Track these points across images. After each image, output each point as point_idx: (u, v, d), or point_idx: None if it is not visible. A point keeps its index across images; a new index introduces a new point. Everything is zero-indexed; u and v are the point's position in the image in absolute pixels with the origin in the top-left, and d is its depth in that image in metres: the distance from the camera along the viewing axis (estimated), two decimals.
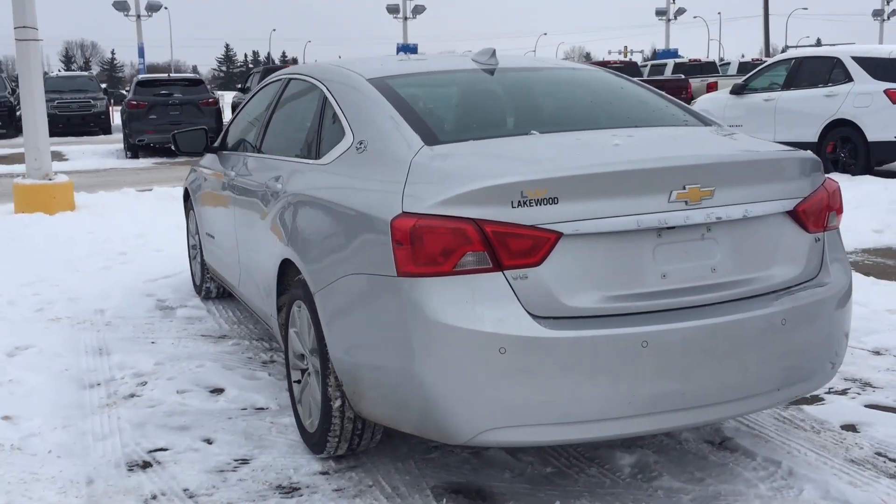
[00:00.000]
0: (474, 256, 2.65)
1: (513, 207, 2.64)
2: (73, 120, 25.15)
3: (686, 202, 2.76)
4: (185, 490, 3.28)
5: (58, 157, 18.56)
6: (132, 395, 4.29)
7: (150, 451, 3.63)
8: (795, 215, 3.01)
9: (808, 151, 3.18)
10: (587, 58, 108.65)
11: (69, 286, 6.52)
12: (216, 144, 5.34)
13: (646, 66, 28.56)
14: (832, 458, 3.40)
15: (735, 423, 3.75)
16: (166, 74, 22.69)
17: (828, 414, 3.85)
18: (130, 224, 9.18)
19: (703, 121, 3.63)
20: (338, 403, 3.20)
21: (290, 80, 4.39)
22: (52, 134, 24.49)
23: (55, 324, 5.62)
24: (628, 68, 23.64)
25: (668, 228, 2.78)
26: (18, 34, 9.88)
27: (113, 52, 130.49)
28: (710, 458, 3.45)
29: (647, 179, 2.74)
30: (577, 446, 3.53)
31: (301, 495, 3.22)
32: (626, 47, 79.28)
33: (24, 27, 9.82)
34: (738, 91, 13.54)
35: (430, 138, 3.10)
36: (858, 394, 4.10)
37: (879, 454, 3.45)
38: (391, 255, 2.73)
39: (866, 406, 3.94)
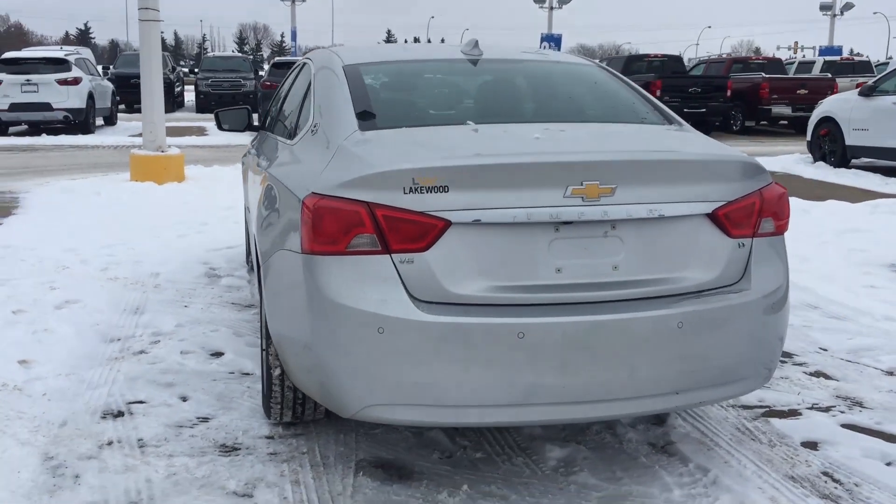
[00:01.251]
0: (365, 238, 2.75)
1: (404, 193, 2.72)
2: (224, 98, 26.53)
3: (583, 198, 2.76)
4: (139, 440, 3.55)
5: (199, 131, 19.75)
6: (141, 352, 4.63)
7: (129, 403, 3.94)
8: (716, 219, 2.94)
9: (743, 155, 3.08)
10: (756, 52, 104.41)
11: (141, 250, 7.03)
12: (258, 123, 5.64)
13: (792, 63, 27.20)
14: (770, 473, 3.29)
15: (688, 428, 3.68)
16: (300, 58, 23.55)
17: (794, 429, 3.71)
18: (225, 197, 9.71)
19: (668, 119, 3.58)
20: (277, 372, 3.38)
21: (303, 63, 4.60)
22: (204, 110, 26.26)
23: (111, 283, 6.09)
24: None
25: (566, 223, 2.79)
26: (141, 14, 10.61)
27: (282, 35, 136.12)
28: (641, 459, 3.41)
29: (541, 174, 2.76)
30: (515, 435, 3.57)
31: (237, 455, 3.43)
32: (796, 43, 75.79)
33: (146, 8, 10.53)
34: (866, 93, 12.78)
35: (368, 124, 3.23)
36: (842, 412, 3.92)
37: (825, 474, 3.31)
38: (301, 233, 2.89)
39: (842, 425, 3.77)
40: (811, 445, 3.57)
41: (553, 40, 33.46)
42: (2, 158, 14.51)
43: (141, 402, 3.96)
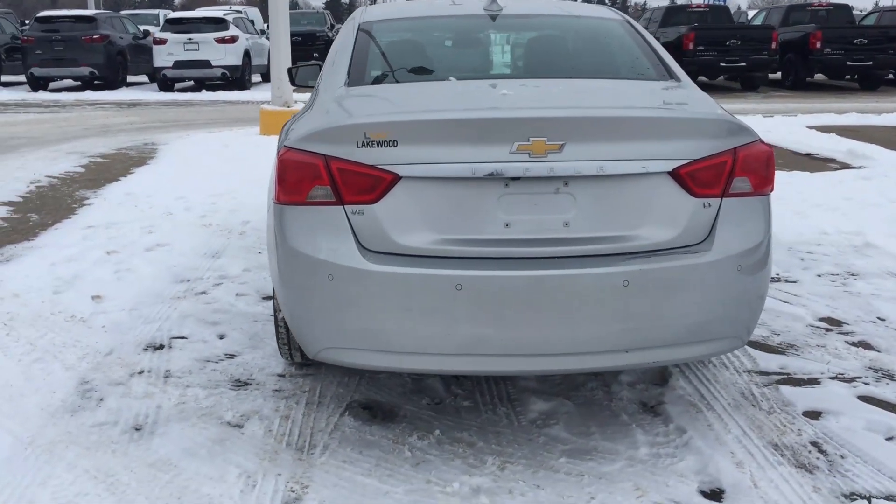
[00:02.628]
0: (322, 190, 2.90)
1: (357, 147, 2.85)
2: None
3: (529, 154, 2.79)
4: (166, 371, 3.90)
5: None
6: (202, 293, 5.01)
7: (172, 338, 4.30)
8: (678, 178, 2.89)
9: (716, 114, 2.99)
10: None
11: (242, 200, 7.48)
12: None
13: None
14: (752, 440, 3.22)
15: (688, 390, 3.64)
16: None
17: (802, 397, 3.58)
18: None
19: (670, 76, 3.51)
20: (280, 315, 3.62)
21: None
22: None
23: (203, 229, 6.55)
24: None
25: (515, 179, 2.82)
26: None
27: None
28: (623, 417, 3.41)
29: (486, 129, 2.81)
30: (508, 387, 3.66)
31: (245, 390, 3.71)
32: None
33: None
34: None
35: (357, 80, 3.38)
36: (866, 384, 3.73)
37: (813, 444, 3.21)
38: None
39: (859, 397, 3.60)
40: (813, 415, 3.44)
41: None
42: (159, 112, 15.63)
43: (183, 337, 4.31)
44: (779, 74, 19.90)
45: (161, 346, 4.19)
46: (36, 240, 6.26)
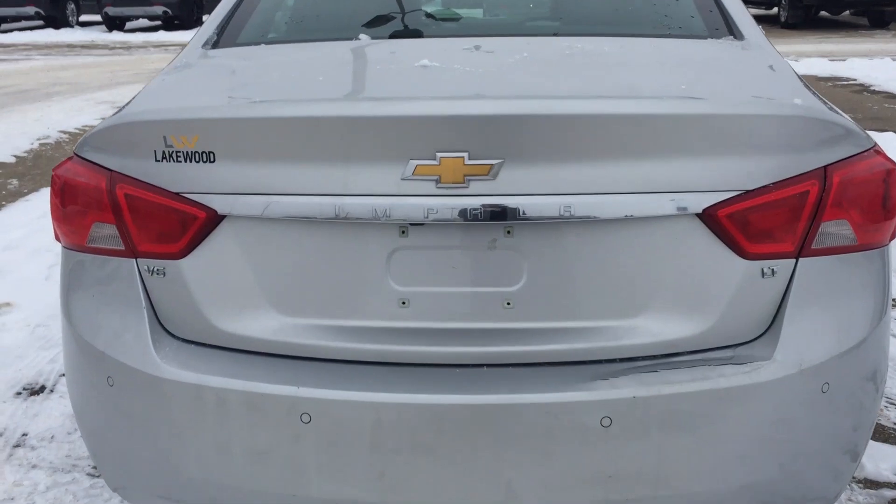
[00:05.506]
0: (104, 230, 1.75)
1: (156, 161, 1.67)
2: None
3: (436, 182, 1.54)
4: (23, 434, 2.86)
5: None
6: None
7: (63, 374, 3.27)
8: (715, 223, 1.59)
9: (795, 102, 1.64)
10: None
11: None
12: None
13: None
14: None
15: None
16: None
17: None
18: None
19: (731, 29, 2.17)
20: None
21: None
22: None
23: None
24: None
25: (418, 225, 1.59)
26: None
27: None
28: None
29: (364, 138, 1.56)
30: None
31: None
32: None
33: None
34: None
35: (231, 36, 2.21)
36: None
37: None
38: None
39: None
40: None
41: None
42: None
43: None
44: None
45: (41, 390, 3.16)
46: None
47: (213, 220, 1.64)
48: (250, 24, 2.30)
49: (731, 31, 2.18)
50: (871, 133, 4.65)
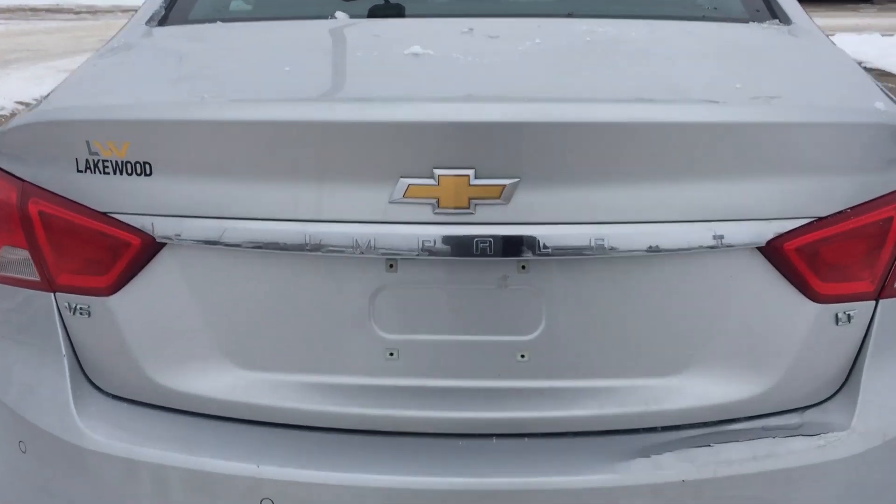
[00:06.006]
0: (16, 255, 1.40)
1: (79, 172, 1.32)
2: None
3: (433, 207, 1.21)
4: None
5: None
6: None
7: None
8: (780, 258, 1.27)
9: (874, 105, 1.32)
10: None
11: None
12: None
13: None
14: None
15: None
16: None
17: None
18: None
19: (773, 11, 1.84)
20: None
21: None
22: None
23: None
24: None
25: (408, 259, 1.26)
26: None
27: None
28: None
29: (347, 148, 1.23)
30: None
31: None
32: None
33: None
34: None
35: (178, 14, 1.86)
36: None
37: None
38: None
39: None
40: None
41: None
42: None
43: None
44: None
45: None
46: None
47: (151, 247, 1.30)
48: (204, 2, 1.94)
49: (775, 13, 1.85)
50: None
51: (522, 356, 1.30)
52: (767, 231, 1.25)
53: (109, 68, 1.60)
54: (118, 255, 1.32)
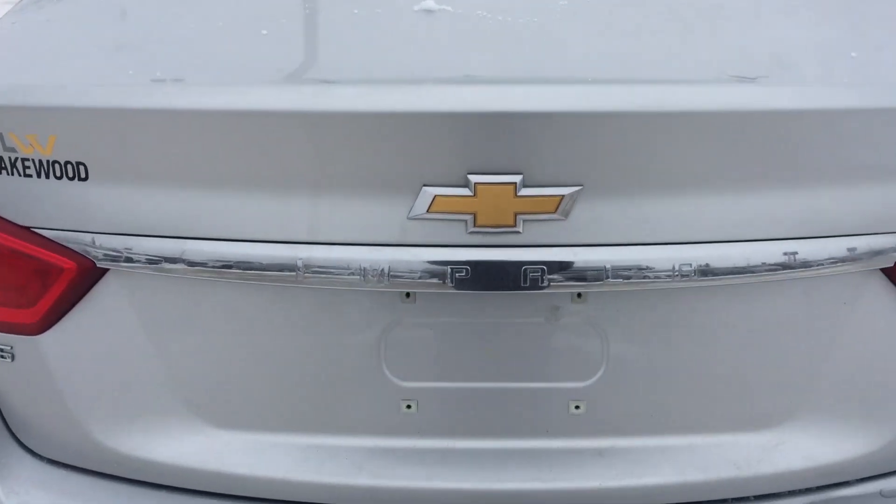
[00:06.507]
0: None
1: None
2: None
3: (469, 222, 0.91)
4: None
5: None
6: None
7: None
8: None
9: None
10: None
11: None
12: None
13: None
14: None
15: None
16: None
17: None
18: None
19: None
20: None
21: None
22: None
23: None
24: None
25: (427, 290, 0.96)
26: None
27: None
28: None
29: (350, 147, 0.92)
30: None
31: None
32: None
33: None
34: None
35: None
36: None
37: None
38: None
39: None
40: None
41: None
42: None
43: None
44: None
45: None
46: None
47: (90, 274, 1.00)
48: None
49: None
50: None
51: (577, 407, 1.02)
52: (892, 247, 0.97)
53: (29, 30, 1.25)
54: (47, 282, 1.01)
